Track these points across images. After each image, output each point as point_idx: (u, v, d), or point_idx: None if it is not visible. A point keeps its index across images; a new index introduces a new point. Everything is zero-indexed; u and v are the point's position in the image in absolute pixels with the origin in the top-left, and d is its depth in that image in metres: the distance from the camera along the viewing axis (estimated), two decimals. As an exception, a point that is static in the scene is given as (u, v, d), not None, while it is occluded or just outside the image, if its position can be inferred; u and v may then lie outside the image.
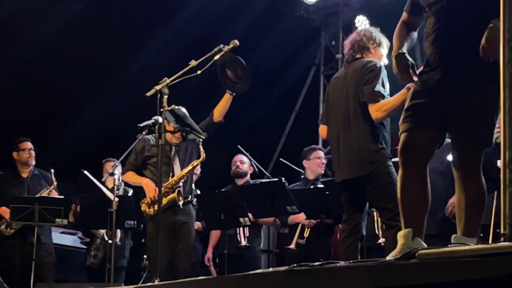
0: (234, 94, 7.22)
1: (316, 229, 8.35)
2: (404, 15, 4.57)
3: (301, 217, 8.29)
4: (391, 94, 5.79)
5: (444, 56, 4.20)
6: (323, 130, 6.30)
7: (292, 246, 8.32)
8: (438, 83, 4.18)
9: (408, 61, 4.32)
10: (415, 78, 4.28)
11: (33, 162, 8.73)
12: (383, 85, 5.71)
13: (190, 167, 7.36)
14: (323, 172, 8.78)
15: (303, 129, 12.68)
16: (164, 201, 7.17)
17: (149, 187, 7.23)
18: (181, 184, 7.33)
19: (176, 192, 7.25)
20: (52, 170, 8.50)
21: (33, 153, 8.72)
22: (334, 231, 8.65)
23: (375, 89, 5.63)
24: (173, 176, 7.33)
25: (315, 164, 8.64)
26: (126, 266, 8.94)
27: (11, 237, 8.35)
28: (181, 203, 7.29)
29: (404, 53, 4.38)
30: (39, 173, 8.79)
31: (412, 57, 4.37)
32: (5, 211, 8.29)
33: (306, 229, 8.39)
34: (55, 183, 8.51)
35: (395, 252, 3.96)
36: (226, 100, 7.28)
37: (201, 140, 7.21)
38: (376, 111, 5.67)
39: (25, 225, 8.20)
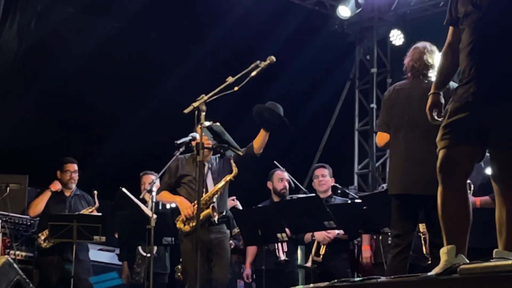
0: (283, 125, 7.33)
1: (331, 246, 8.36)
2: (450, 31, 4.52)
3: (316, 234, 8.27)
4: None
5: (480, 69, 4.17)
6: (382, 137, 6.17)
7: (309, 264, 8.29)
8: (474, 96, 4.15)
9: (439, 105, 4.44)
10: (439, 119, 4.37)
11: (73, 186, 8.82)
12: None
13: (223, 182, 7.38)
14: (325, 188, 8.73)
15: (339, 144, 12.68)
16: (200, 217, 7.19)
17: (184, 205, 7.27)
18: (214, 199, 7.36)
19: (210, 207, 7.27)
20: (95, 192, 8.57)
21: (75, 176, 8.80)
22: (350, 247, 8.71)
23: None
24: (207, 192, 7.36)
25: (316, 184, 8.76)
26: (167, 282, 8.96)
27: (49, 253, 8.41)
28: (216, 218, 7.31)
29: (439, 94, 4.47)
30: (81, 194, 8.88)
31: None
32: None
33: (322, 246, 8.37)
34: (97, 204, 8.56)
35: (438, 268, 3.92)
36: (262, 136, 7.41)
37: (231, 155, 7.29)
38: None
39: (61, 241, 8.25)
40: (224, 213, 7.48)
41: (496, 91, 4.10)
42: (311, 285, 4.17)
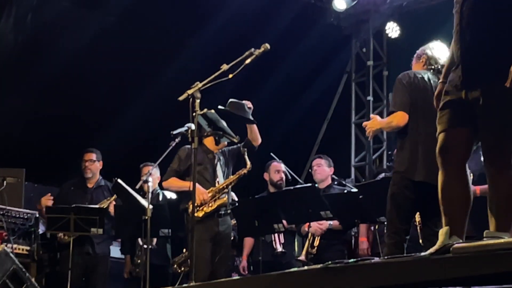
0: (252, 124, 7.47)
1: (326, 238, 8.36)
2: None
3: (311, 226, 8.27)
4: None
5: (463, 53, 4.22)
6: (404, 117, 5.94)
7: (302, 257, 8.28)
8: (461, 80, 4.20)
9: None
10: None
11: (89, 175, 8.83)
12: None
13: (237, 175, 7.57)
14: (320, 177, 8.74)
15: (336, 137, 12.70)
16: (214, 205, 7.40)
17: (198, 190, 7.24)
18: (226, 190, 7.52)
19: (226, 197, 7.41)
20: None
21: (89, 165, 8.81)
22: (346, 238, 8.71)
23: None
24: (218, 182, 7.53)
25: (313, 174, 8.82)
26: (171, 272, 8.96)
27: (68, 246, 8.39)
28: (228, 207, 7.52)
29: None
30: (105, 184, 8.87)
31: None
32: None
33: (316, 238, 8.37)
34: (115, 195, 8.56)
35: (432, 249, 3.93)
36: (249, 130, 7.56)
37: (246, 150, 7.52)
38: None
39: (81, 234, 8.24)
40: (236, 205, 7.63)
41: (479, 75, 4.15)
42: (305, 267, 4.19)
